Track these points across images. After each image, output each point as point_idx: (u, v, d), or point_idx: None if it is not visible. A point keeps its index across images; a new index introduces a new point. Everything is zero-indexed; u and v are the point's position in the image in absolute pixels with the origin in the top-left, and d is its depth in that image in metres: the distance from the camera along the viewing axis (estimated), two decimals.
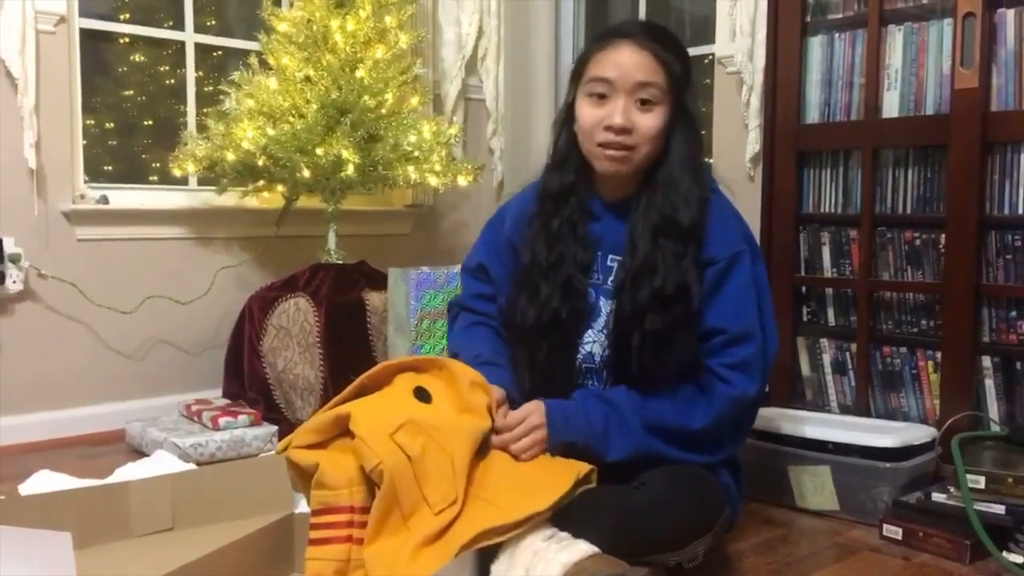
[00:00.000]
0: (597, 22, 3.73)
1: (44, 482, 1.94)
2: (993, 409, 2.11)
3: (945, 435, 2.01)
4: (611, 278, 1.62)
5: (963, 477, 1.75)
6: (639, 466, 1.52)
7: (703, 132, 1.61)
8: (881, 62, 2.26)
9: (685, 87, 1.55)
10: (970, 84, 2.06)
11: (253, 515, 1.53)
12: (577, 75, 1.60)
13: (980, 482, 1.75)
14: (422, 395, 1.47)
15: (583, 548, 1.31)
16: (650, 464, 1.52)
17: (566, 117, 1.64)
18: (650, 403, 1.54)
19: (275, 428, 2.52)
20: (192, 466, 2.16)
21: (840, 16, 2.37)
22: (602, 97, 1.54)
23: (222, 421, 2.46)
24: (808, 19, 2.40)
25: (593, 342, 1.63)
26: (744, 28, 2.83)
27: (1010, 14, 2.06)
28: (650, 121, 1.52)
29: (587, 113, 1.56)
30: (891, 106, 2.26)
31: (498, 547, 1.33)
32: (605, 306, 1.62)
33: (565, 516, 1.37)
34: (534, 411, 1.50)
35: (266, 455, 2.15)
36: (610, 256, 1.63)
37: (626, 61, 1.51)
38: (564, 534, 1.35)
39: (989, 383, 2.11)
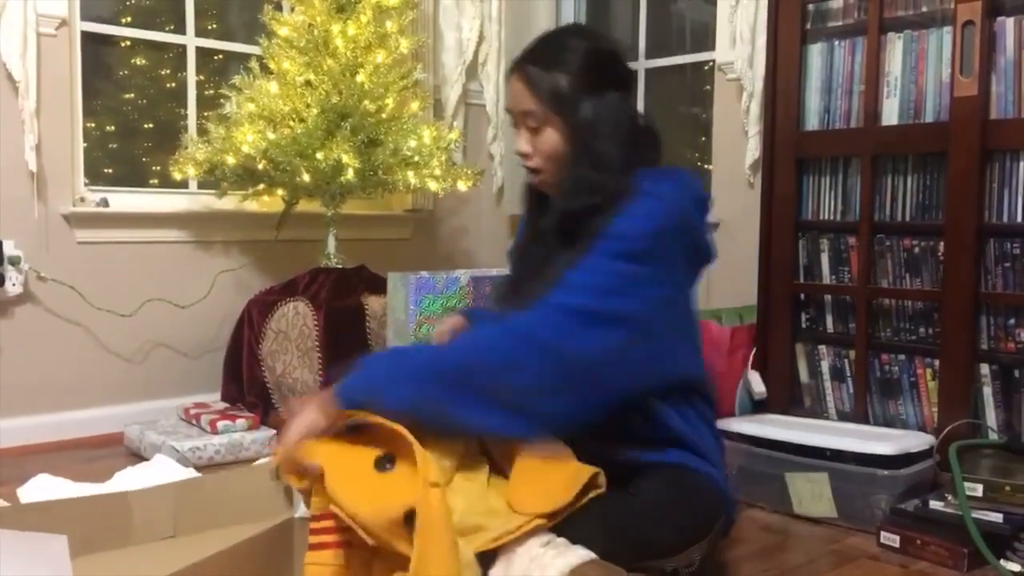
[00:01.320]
0: (598, 27, 3.74)
1: (43, 486, 1.94)
2: (991, 417, 2.11)
3: (943, 443, 2.02)
4: None
5: (961, 485, 1.75)
6: (635, 473, 1.52)
7: (617, 135, 1.53)
8: (881, 70, 2.27)
9: (579, 98, 1.51)
10: (969, 92, 2.07)
11: (254, 520, 1.53)
12: None
13: (978, 490, 1.75)
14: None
15: (580, 554, 1.31)
16: (641, 469, 1.52)
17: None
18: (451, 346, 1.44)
19: (273, 432, 2.52)
20: (191, 470, 2.16)
21: (840, 24, 2.37)
22: (514, 125, 1.61)
23: (220, 425, 2.46)
24: (808, 26, 2.41)
25: None
26: (744, 35, 2.84)
27: (1009, 22, 2.07)
28: (543, 143, 1.55)
29: (513, 143, 1.64)
30: (890, 114, 2.27)
31: (494, 553, 1.33)
32: None
33: (562, 522, 1.37)
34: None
35: (264, 460, 2.15)
36: None
37: (512, 91, 1.58)
38: (561, 540, 1.35)
39: (987, 391, 2.12)
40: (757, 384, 2.39)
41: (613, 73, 1.58)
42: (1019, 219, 2.07)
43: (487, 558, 1.33)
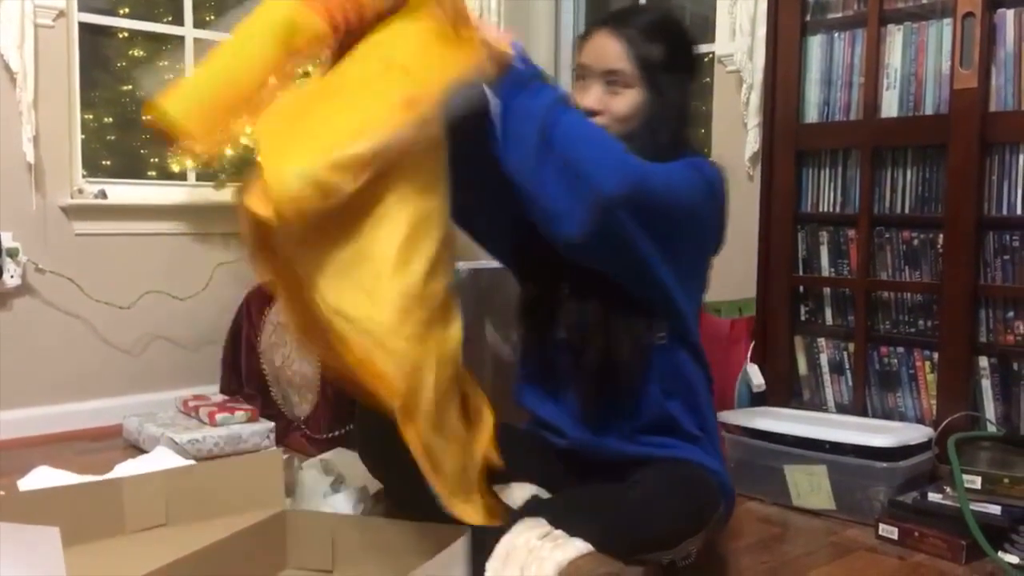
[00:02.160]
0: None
1: (44, 478, 1.94)
2: (990, 409, 2.11)
3: (942, 435, 2.02)
4: None
5: (959, 477, 1.75)
6: (632, 466, 1.52)
7: (683, 118, 1.62)
8: (880, 62, 2.26)
9: (664, 73, 1.56)
10: (969, 84, 2.06)
11: (246, 511, 1.53)
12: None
13: (976, 482, 1.75)
14: None
15: (578, 547, 1.31)
16: (640, 462, 1.53)
17: None
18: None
19: (272, 424, 2.52)
20: (192, 463, 2.16)
21: (840, 15, 2.37)
22: (583, 80, 1.60)
23: (219, 417, 2.46)
24: (808, 18, 2.40)
25: None
26: (744, 27, 2.83)
27: (1010, 14, 2.06)
28: (620, 103, 1.56)
29: (575, 97, 1.61)
30: (890, 106, 2.26)
31: (492, 546, 1.33)
32: None
33: (559, 514, 1.37)
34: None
35: (263, 452, 2.15)
36: None
37: (598, 48, 1.58)
38: (559, 532, 1.35)
39: (986, 383, 2.11)
40: (756, 377, 2.39)
41: (693, 62, 1.65)
42: (1018, 212, 2.06)
43: (484, 551, 1.34)
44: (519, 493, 1.43)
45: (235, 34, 1.33)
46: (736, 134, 2.90)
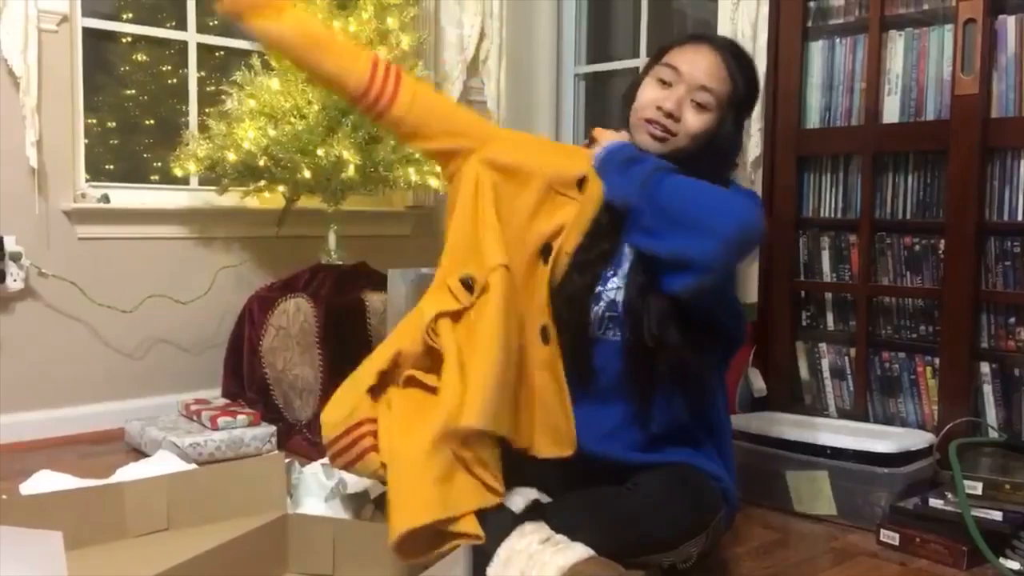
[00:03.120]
0: (599, 25, 3.73)
1: (45, 482, 1.94)
2: (991, 415, 2.11)
3: (943, 441, 2.02)
4: None
5: (960, 483, 1.75)
6: (632, 471, 1.52)
7: (738, 152, 1.72)
8: (882, 67, 2.26)
9: (742, 110, 1.65)
10: (970, 90, 2.07)
11: (248, 515, 1.53)
12: (655, 59, 1.67)
13: (978, 488, 1.75)
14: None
15: (579, 551, 1.31)
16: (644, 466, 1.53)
17: (627, 94, 1.71)
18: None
19: (273, 428, 2.53)
20: (193, 466, 2.16)
21: (841, 21, 2.37)
22: (666, 84, 1.61)
23: (221, 421, 2.46)
24: (809, 24, 2.40)
25: (617, 288, 1.59)
26: (746, 32, 2.83)
27: (1011, 21, 2.06)
28: (697, 121, 1.59)
29: (648, 92, 1.63)
30: (891, 111, 2.26)
31: (493, 551, 1.33)
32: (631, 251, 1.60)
33: (560, 518, 1.37)
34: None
35: (265, 455, 2.15)
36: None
37: (701, 61, 1.60)
38: (560, 536, 1.35)
39: (987, 389, 2.11)
40: (757, 381, 2.39)
41: (753, 107, 1.73)
42: (1020, 217, 2.07)
43: (485, 555, 1.34)
44: (519, 497, 1.43)
45: None
46: None
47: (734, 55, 1.63)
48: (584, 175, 1.63)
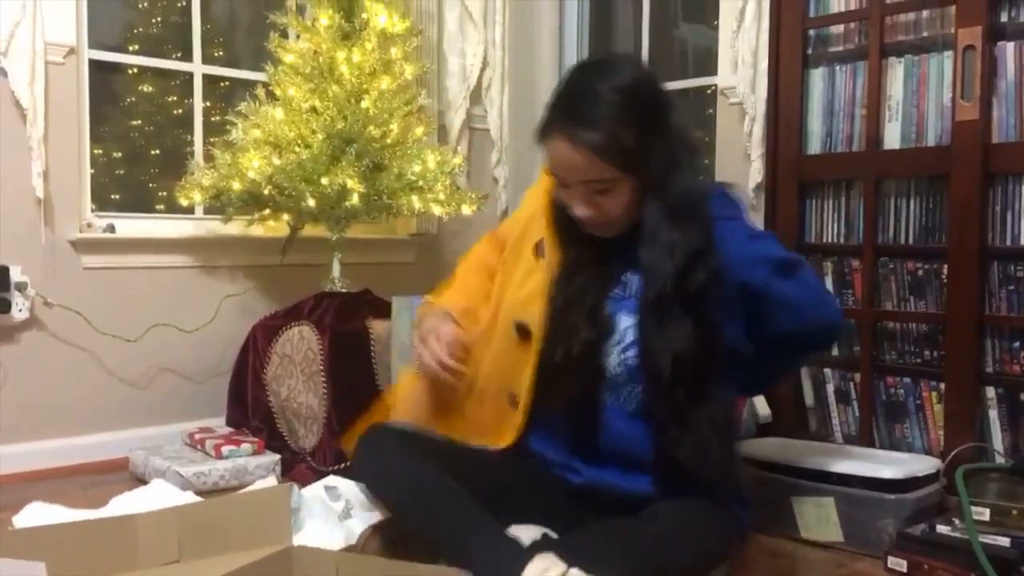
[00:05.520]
0: (609, 54, 3.76)
1: (38, 514, 1.93)
2: (997, 440, 2.10)
3: (949, 466, 2.01)
4: (631, 291, 1.56)
5: (968, 509, 1.74)
6: (645, 502, 1.51)
7: (685, 159, 1.50)
8: (882, 94, 2.28)
9: (648, 150, 1.44)
10: (971, 116, 2.08)
11: (255, 546, 1.52)
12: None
13: (985, 514, 1.74)
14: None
15: None
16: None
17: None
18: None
19: (277, 457, 2.52)
20: (190, 494, 2.15)
21: (841, 48, 2.39)
22: (563, 184, 1.51)
23: (225, 450, 2.46)
24: (809, 51, 2.42)
25: (608, 355, 1.57)
26: (746, 59, 2.86)
27: (1010, 47, 2.08)
28: (612, 205, 1.48)
29: (559, 195, 1.54)
30: (892, 137, 2.28)
31: None
32: (625, 320, 1.55)
33: (577, 552, 1.35)
34: None
35: (268, 485, 2.14)
36: (627, 272, 1.58)
37: (566, 161, 1.46)
38: (575, 571, 1.33)
39: (993, 414, 2.11)
40: (762, 407, 2.38)
41: (661, 99, 1.50)
42: (1022, 242, 2.07)
43: None
44: (527, 534, 1.42)
45: None
46: (739, 165, 2.92)
47: (584, 124, 1.42)
48: (539, 240, 1.62)
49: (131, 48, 2.96)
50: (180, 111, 3.05)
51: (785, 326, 1.52)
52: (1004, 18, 2.10)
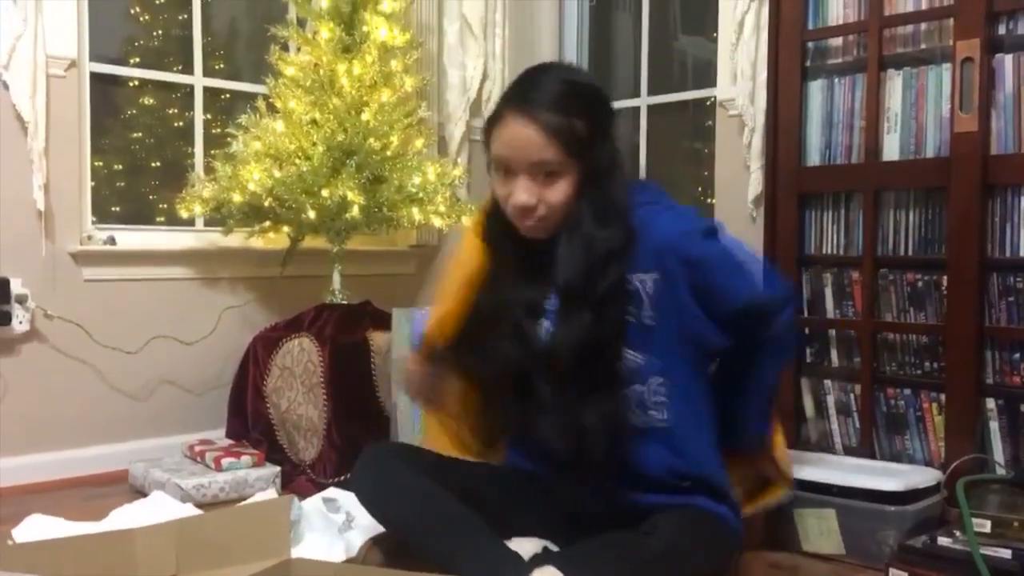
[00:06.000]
0: (600, 65, 3.78)
1: (38, 527, 1.93)
2: (998, 451, 2.10)
3: (950, 478, 2.00)
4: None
5: (969, 521, 1.74)
6: (644, 513, 1.51)
7: (620, 165, 1.56)
8: (881, 106, 2.28)
9: (594, 144, 1.49)
10: (969, 128, 2.08)
11: (254, 559, 1.52)
12: (486, 143, 1.56)
13: (986, 526, 1.73)
14: None
15: None
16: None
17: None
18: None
19: (277, 469, 2.52)
20: (190, 506, 2.15)
21: (840, 61, 2.40)
22: (508, 171, 1.51)
23: (225, 462, 2.46)
24: (808, 63, 2.43)
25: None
26: (745, 72, 2.87)
27: (1008, 59, 2.09)
28: (555, 194, 1.49)
29: (497, 187, 1.54)
30: (891, 149, 2.28)
31: None
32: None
33: (577, 564, 1.35)
34: None
35: (266, 498, 2.14)
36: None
37: (519, 139, 1.47)
38: None
39: (994, 425, 2.11)
40: None
41: (609, 109, 1.57)
42: (1022, 253, 2.07)
43: None
44: (527, 546, 1.42)
45: None
46: (739, 177, 2.92)
47: (546, 105, 1.46)
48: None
49: (132, 61, 2.97)
50: (181, 123, 3.06)
51: (734, 291, 1.52)
52: (1002, 30, 2.11)
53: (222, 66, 3.14)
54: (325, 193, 2.59)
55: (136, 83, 2.98)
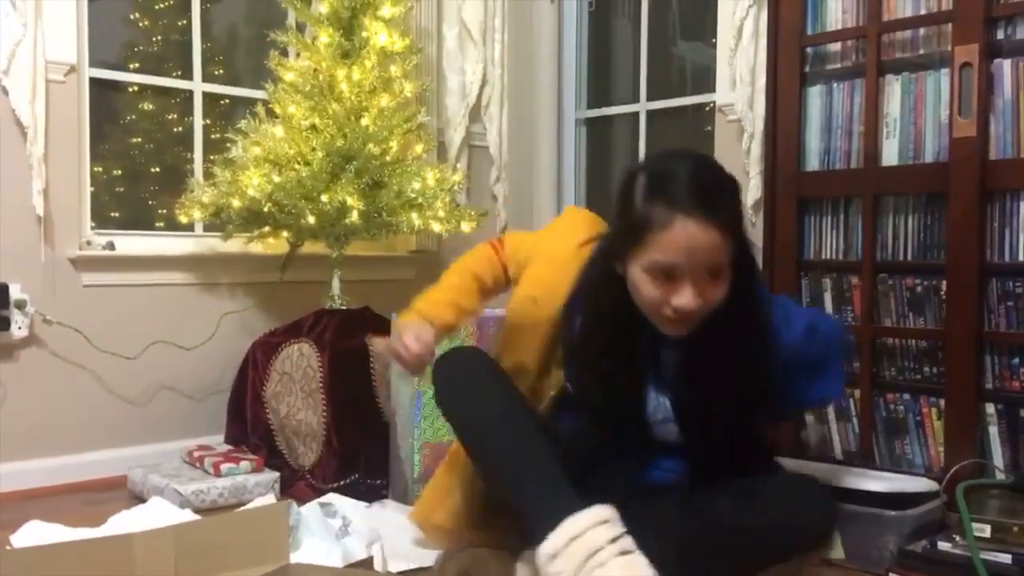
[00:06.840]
0: (599, 70, 3.78)
1: (36, 532, 1.93)
2: (998, 456, 2.10)
3: (950, 483, 2.00)
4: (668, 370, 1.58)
5: (969, 526, 1.74)
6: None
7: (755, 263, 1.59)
8: (880, 111, 2.29)
9: (745, 244, 1.46)
10: (968, 133, 2.09)
11: (252, 564, 1.52)
12: (632, 243, 1.41)
13: (986, 531, 1.74)
14: None
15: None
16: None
17: (610, 277, 1.49)
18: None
19: (276, 474, 2.52)
20: (189, 512, 2.15)
21: (838, 66, 2.40)
22: (670, 276, 1.39)
23: (223, 467, 2.45)
24: (807, 69, 2.43)
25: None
26: (744, 77, 2.87)
27: (1007, 64, 2.09)
28: (719, 292, 1.42)
29: (650, 290, 1.41)
30: (890, 154, 2.28)
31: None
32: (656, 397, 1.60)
33: (633, 524, 1.37)
34: None
35: (269, 505, 2.14)
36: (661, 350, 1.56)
37: (701, 244, 1.36)
38: (628, 541, 1.35)
39: (993, 430, 2.11)
40: None
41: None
42: (1021, 258, 2.07)
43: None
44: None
45: None
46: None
47: (712, 203, 1.37)
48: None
49: (132, 66, 2.97)
50: (180, 129, 3.06)
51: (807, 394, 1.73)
52: (1000, 35, 2.12)
53: (221, 71, 3.14)
54: (324, 198, 2.59)
55: (135, 88, 2.98)
